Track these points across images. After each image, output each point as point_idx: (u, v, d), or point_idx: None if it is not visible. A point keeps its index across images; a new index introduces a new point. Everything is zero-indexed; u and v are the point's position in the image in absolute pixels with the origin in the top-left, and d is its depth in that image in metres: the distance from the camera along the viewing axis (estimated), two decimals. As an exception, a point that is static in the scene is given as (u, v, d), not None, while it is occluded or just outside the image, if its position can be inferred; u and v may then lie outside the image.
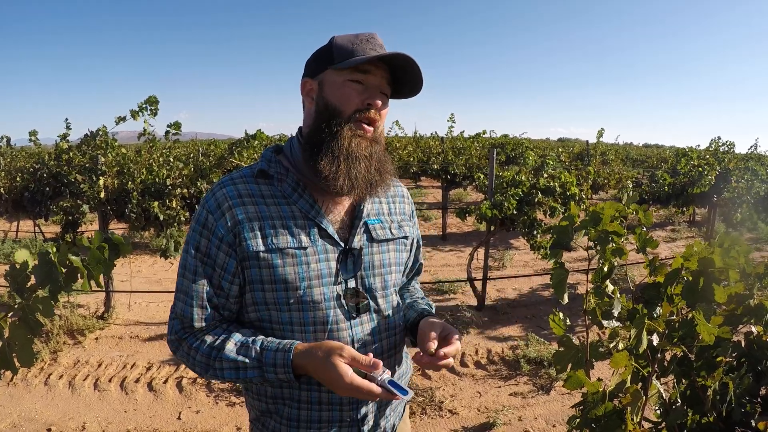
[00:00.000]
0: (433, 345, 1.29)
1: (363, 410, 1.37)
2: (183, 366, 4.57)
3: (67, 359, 4.67)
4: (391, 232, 1.44)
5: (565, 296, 1.44)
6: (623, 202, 1.51)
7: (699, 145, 12.65)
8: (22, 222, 9.71)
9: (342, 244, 1.33)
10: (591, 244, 1.47)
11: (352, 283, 1.34)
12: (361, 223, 1.38)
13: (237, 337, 1.29)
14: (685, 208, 7.43)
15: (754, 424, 1.35)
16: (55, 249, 1.37)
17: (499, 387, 4.39)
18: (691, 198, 6.97)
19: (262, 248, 1.26)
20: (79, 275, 1.45)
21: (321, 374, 1.19)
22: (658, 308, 1.29)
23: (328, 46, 1.33)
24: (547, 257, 5.61)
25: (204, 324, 1.31)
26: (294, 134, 1.42)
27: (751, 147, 10.01)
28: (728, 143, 9.53)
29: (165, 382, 4.32)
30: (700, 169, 6.89)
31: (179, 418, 3.83)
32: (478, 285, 6.13)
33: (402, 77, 1.35)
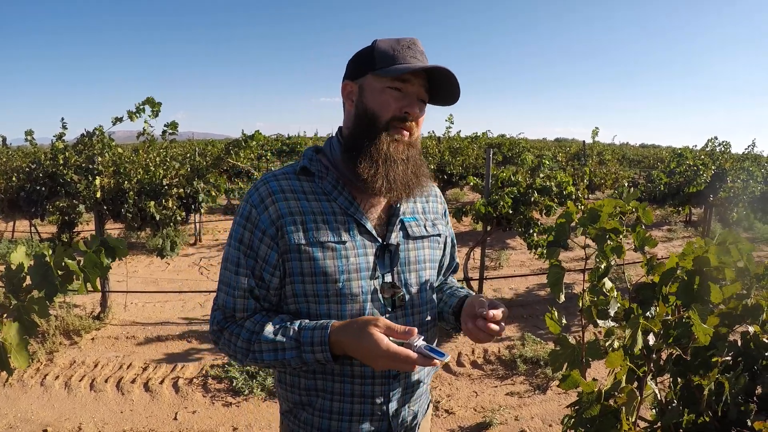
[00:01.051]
0: (485, 309, 1.31)
1: (393, 405, 1.41)
2: (180, 366, 4.57)
3: (63, 360, 4.66)
4: (426, 230, 1.48)
5: (562, 295, 1.45)
6: (623, 199, 1.51)
7: (696, 146, 12.67)
8: (18, 222, 9.68)
9: (380, 240, 1.38)
10: (588, 242, 1.47)
11: (388, 278, 1.37)
12: (398, 220, 1.42)
13: (276, 320, 1.33)
14: (681, 208, 7.45)
15: (750, 423, 1.35)
16: (51, 251, 1.37)
17: (496, 387, 4.39)
18: (687, 198, 6.99)
19: (303, 241, 1.30)
20: (75, 277, 1.45)
21: (357, 345, 1.20)
22: (653, 308, 1.29)
23: (369, 50, 1.37)
24: (544, 256, 5.62)
25: (245, 314, 1.35)
26: (334, 134, 1.47)
27: (748, 147, 10.04)
28: (724, 143, 9.56)
29: (161, 382, 4.32)
30: (696, 168, 6.90)
31: (175, 418, 3.83)
32: (475, 285, 6.13)
33: (439, 86, 1.39)
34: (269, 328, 1.30)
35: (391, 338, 1.20)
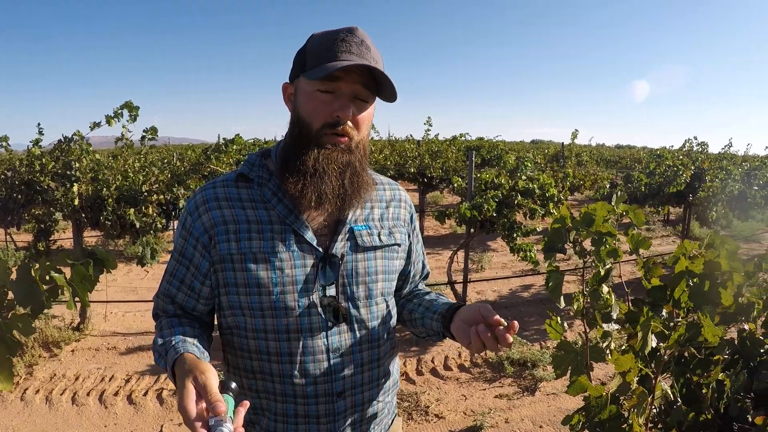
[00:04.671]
0: (493, 314, 1.19)
1: (341, 421, 1.34)
2: (163, 377, 4.48)
3: (43, 373, 4.54)
4: (380, 239, 1.37)
5: (562, 299, 1.43)
6: (612, 202, 1.50)
7: (672, 146, 12.87)
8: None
9: (320, 251, 1.28)
10: (573, 245, 1.45)
11: (331, 291, 1.29)
12: (346, 229, 1.33)
13: (178, 329, 1.28)
14: (660, 208, 7.54)
15: (750, 419, 1.36)
16: (36, 265, 1.31)
17: (484, 389, 4.38)
18: (667, 198, 7.07)
19: (234, 251, 1.25)
20: (60, 291, 1.39)
21: (177, 387, 1.10)
22: (664, 311, 1.29)
23: (303, 48, 1.27)
24: (527, 259, 5.62)
25: (166, 315, 1.36)
26: (282, 137, 1.38)
27: (725, 147, 10.21)
28: (702, 143, 9.71)
29: (145, 394, 4.23)
30: (675, 169, 6.99)
31: (161, 431, 3.75)
32: (459, 288, 6.13)
33: (380, 79, 1.26)
34: (164, 333, 1.27)
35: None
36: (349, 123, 1.24)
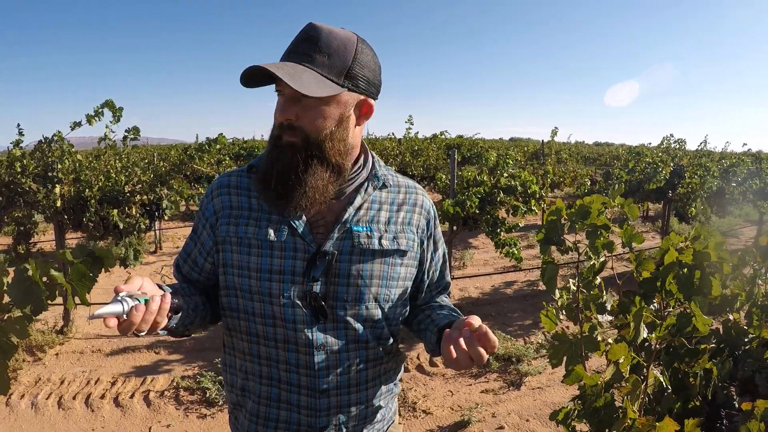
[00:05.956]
0: (473, 324, 1.17)
1: (323, 418, 1.34)
2: (149, 379, 4.45)
3: (27, 377, 4.47)
4: (379, 243, 1.34)
5: (557, 291, 1.46)
6: (609, 195, 1.53)
7: (651, 143, 13.06)
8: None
9: (312, 246, 1.29)
10: (578, 238, 1.49)
11: (318, 288, 1.29)
12: (345, 228, 1.32)
13: (176, 285, 1.36)
14: (640, 204, 7.65)
15: (737, 405, 1.40)
16: (34, 265, 1.31)
17: (470, 385, 4.43)
18: (646, 194, 7.19)
19: (232, 234, 1.33)
20: (57, 293, 1.39)
21: None
22: (655, 302, 1.32)
23: None
24: (510, 254, 5.68)
25: (179, 275, 1.49)
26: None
27: (701, 144, 10.38)
28: (680, 141, 9.88)
29: (132, 396, 4.19)
30: (655, 166, 7.11)
31: (149, 432, 3.73)
32: (444, 285, 6.17)
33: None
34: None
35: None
36: (294, 122, 1.24)
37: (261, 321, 1.32)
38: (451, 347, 1.14)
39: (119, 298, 1.06)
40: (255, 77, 1.21)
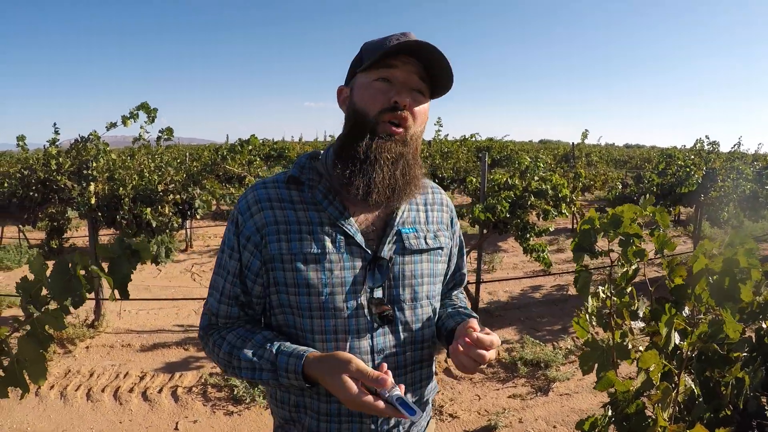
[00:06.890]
0: (474, 332, 1.20)
1: (384, 425, 1.35)
2: (178, 375, 4.52)
3: (57, 369, 4.59)
4: (426, 242, 1.38)
5: (591, 299, 1.44)
6: (640, 204, 1.51)
7: (684, 145, 12.81)
8: (5, 228, 9.55)
9: (370, 253, 1.30)
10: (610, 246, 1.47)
11: (378, 293, 1.30)
12: (394, 231, 1.34)
13: (257, 338, 1.28)
14: (672, 208, 7.52)
15: (768, 415, 1.37)
16: (78, 258, 1.34)
17: (498, 389, 4.39)
18: (678, 198, 7.05)
19: (285, 251, 1.27)
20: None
21: (329, 387, 1.16)
22: (686, 308, 1.30)
23: (359, 52, 1.33)
24: (540, 260, 5.62)
25: (229, 320, 1.35)
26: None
27: (735, 145, 10.14)
28: (713, 143, 9.67)
29: (160, 391, 4.26)
30: (688, 169, 6.98)
31: (176, 428, 3.77)
32: (472, 288, 6.14)
33: (437, 73, 1.28)
34: (248, 346, 1.27)
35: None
36: (406, 111, 1.26)
37: (321, 338, 1.28)
38: (457, 358, 1.21)
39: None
40: (402, 52, 1.24)
